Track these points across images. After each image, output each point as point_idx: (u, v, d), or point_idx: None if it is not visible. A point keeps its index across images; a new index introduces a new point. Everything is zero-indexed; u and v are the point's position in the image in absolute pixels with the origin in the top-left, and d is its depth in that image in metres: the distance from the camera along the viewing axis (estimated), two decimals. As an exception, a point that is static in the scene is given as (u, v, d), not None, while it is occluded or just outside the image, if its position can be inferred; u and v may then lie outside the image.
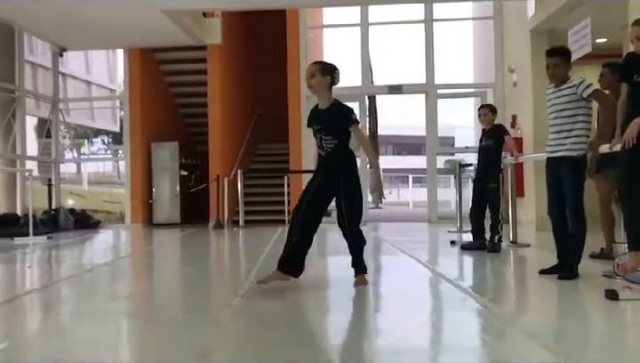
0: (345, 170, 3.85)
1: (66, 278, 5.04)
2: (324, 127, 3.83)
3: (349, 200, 3.86)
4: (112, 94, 17.25)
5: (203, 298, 3.96)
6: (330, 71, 3.83)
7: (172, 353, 2.52)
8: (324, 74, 3.80)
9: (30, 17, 8.59)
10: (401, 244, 6.79)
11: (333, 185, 3.83)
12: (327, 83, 3.81)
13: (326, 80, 3.80)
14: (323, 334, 2.96)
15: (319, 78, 3.79)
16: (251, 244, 7.79)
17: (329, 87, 3.83)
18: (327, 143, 3.83)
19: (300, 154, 10.26)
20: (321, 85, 3.80)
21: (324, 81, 3.79)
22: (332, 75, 3.82)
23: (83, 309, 3.62)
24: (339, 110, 3.84)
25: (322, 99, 3.87)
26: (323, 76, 3.79)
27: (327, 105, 3.86)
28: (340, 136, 3.83)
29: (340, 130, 3.82)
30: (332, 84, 3.84)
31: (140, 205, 10.58)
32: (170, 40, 9.86)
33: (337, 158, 3.84)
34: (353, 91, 10.81)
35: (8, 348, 2.73)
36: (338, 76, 3.87)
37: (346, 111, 3.84)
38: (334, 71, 3.84)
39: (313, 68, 3.86)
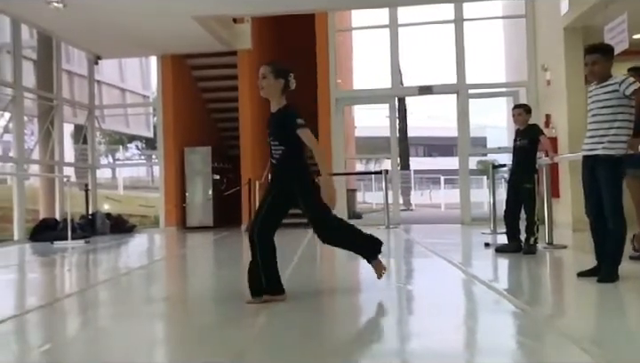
0: (297, 179, 3.58)
1: (103, 281, 5.16)
2: (271, 133, 3.60)
3: (311, 206, 3.62)
4: (145, 101, 17.59)
5: (237, 300, 3.99)
6: (283, 74, 3.59)
7: (208, 356, 2.55)
8: (277, 76, 3.57)
9: (68, 27, 8.84)
10: (433, 246, 6.72)
11: (288, 197, 3.61)
12: (279, 86, 3.57)
13: (278, 83, 3.57)
14: (357, 337, 2.95)
15: (270, 81, 3.57)
16: (282, 246, 7.79)
17: (281, 91, 3.59)
18: (275, 150, 3.59)
19: (331, 156, 10.27)
20: (272, 88, 3.57)
21: (276, 84, 3.56)
22: (286, 78, 3.59)
23: (120, 311, 3.70)
24: (285, 115, 3.57)
25: (273, 103, 3.64)
26: (275, 78, 3.56)
27: (276, 109, 3.62)
28: (287, 143, 3.54)
29: (285, 136, 3.54)
30: (285, 87, 3.60)
31: (173, 209, 10.75)
32: (201, 46, 10.01)
33: (285, 167, 3.58)
34: (383, 93, 10.79)
35: (50, 349, 2.82)
36: (292, 80, 3.61)
37: (290, 115, 3.54)
38: (288, 74, 3.61)
39: (265, 70, 3.60)
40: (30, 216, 9.65)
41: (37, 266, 6.46)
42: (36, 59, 10.46)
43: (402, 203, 14.67)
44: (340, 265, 6.06)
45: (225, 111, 12.19)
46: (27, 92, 9.39)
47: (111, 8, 7.90)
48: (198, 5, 8.10)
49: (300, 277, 4.80)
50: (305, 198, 3.60)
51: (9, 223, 9.50)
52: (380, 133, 27.28)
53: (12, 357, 2.74)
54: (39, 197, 10.41)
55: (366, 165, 31.35)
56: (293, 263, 5.57)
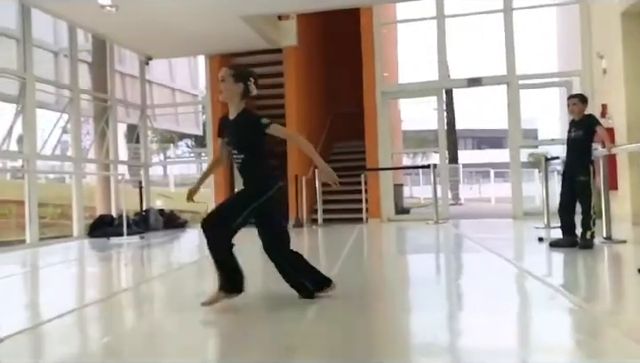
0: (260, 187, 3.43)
1: (158, 275, 5.33)
2: (231, 141, 3.45)
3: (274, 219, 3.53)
4: (195, 99, 17.97)
5: (286, 294, 4.04)
6: (243, 78, 3.41)
7: (258, 351, 2.60)
8: (237, 80, 3.39)
9: (120, 30, 9.13)
10: (484, 241, 6.59)
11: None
12: (239, 91, 3.39)
13: (238, 87, 3.38)
14: (408, 333, 2.94)
15: (229, 85, 3.39)
16: (330, 242, 7.86)
17: (241, 96, 3.41)
18: (236, 158, 3.43)
19: (377, 151, 10.22)
20: (230, 92, 3.39)
21: (234, 88, 3.38)
22: (245, 83, 3.40)
23: (173, 305, 3.81)
24: (245, 120, 3.40)
25: (231, 108, 3.46)
26: (235, 82, 3.39)
27: (235, 115, 3.44)
28: (246, 150, 3.40)
29: (245, 143, 3.40)
30: (245, 92, 3.41)
31: (222, 206, 10.94)
32: (247, 44, 10.14)
33: (247, 175, 3.44)
34: (430, 85, 10.64)
35: (109, 342, 2.93)
36: (252, 85, 3.43)
37: (254, 118, 3.39)
38: (248, 79, 3.42)
39: (224, 73, 3.46)
40: (88, 213, 10.03)
41: (95, 261, 6.72)
42: (90, 61, 10.85)
43: (450, 197, 14.44)
44: (388, 260, 6.03)
45: (271, 108, 12.28)
46: (83, 94, 9.77)
47: (161, 10, 8.10)
48: (245, 5, 8.21)
49: (348, 272, 4.81)
50: (241, 196, 3.48)
51: (68, 220, 9.93)
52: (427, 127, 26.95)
53: (74, 348, 2.87)
54: (96, 194, 10.83)
55: (413, 159, 31.03)
56: (341, 259, 5.59)
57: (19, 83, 8.17)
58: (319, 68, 12.44)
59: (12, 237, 9.45)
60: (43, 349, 2.89)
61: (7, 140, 8.00)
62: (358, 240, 7.68)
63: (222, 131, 3.54)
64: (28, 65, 8.19)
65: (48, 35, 10.14)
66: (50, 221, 12.20)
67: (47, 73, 9.41)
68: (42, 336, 3.07)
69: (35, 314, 3.83)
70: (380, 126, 10.27)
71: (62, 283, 5.20)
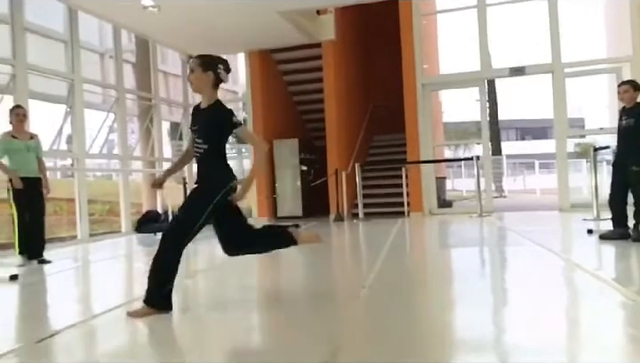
0: (209, 179, 3.34)
1: (202, 270, 5.43)
2: (199, 128, 3.37)
3: (188, 207, 3.34)
4: (235, 96, 18.21)
5: (329, 289, 4.05)
6: (212, 67, 3.32)
7: (302, 346, 2.61)
8: (206, 69, 3.31)
9: (162, 29, 9.32)
10: (529, 234, 6.44)
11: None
12: (209, 80, 3.31)
13: (207, 76, 3.31)
14: (452, 329, 2.90)
15: (198, 74, 3.32)
16: (371, 236, 7.84)
17: (212, 85, 3.34)
18: (198, 147, 3.35)
19: (418, 144, 10.10)
20: (201, 82, 3.33)
21: (204, 77, 3.31)
22: (215, 70, 3.31)
23: (217, 299, 3.87)
24: (217, 111, 3.32)
25: (203, 98, 3.39)
26: (204, 71, 3.31)
27: (207, 104, 3.37)
28: (211, 141, 3.32)
29: (212, 134, 3.32)
30: (216, 81, 3.34)
31: (264, 200, 11.07)
32: (286, 40, 10.19)
33: (205, 168, 3.35)
34: (471, 76, 10.44)
35: (156, 335, 3.01)
36: (223, 71, 3.35)
37: (226, 113, 3.30)
38: (217, 67, 3.33)
39: (192, 63, 3.39)
40: (135, 209, 10.31)
41: (143, 256, 6.90)
42: (134, 62, 11.13)
43: (494, 189, 14.15)
44: (431, 254, 5.97)
45: (310, 103, 12.34)
46: (128, 94, 10.03)
47: (201, 9, 8.22)
48: (284, 0, 8.24)
49: (390, 267, 4.79)
50: (195, 197, 3.34)
51: (116, 216, 10.23)
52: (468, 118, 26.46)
53: (124, 340, 2.96)
54: (142, 191, 11.12)
55: (455, 151, 30.54)
56: (384, 253, 5.56)
57: (67, 84, 8.46)
58: (358, 62, 12.39)
59: (64, 233, 9.80)
60: (95, 342, 3.00)
61: (57, 140, 8.30)
62: (400, 234, 7.63)
63: (193, 119, 3.46)
64: (76, 67, 8.47)
65: (94, 37, 10.46)
66: (99, 217, 12.62)
67: (94, 74, 9.71)
68: (94, 330, 3.18)
69: (87, 308, 3.97)
70: (421, 119, 10.15)
71: (112, 277, 5.37)
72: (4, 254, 6.18)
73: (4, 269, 5.37)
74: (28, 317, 3.85)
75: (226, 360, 2.44)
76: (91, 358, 2.66)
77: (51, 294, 4.66)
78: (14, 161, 5.79)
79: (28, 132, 6.11)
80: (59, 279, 5.27)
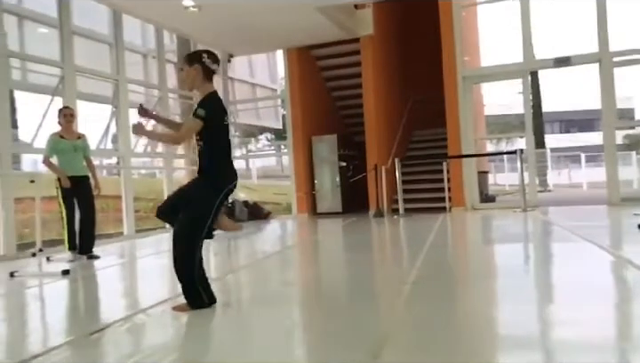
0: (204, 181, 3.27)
1: (245, 265, 5.51)
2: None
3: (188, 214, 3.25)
4: (274, 94, 18.35)
5: (371, 285, 4.05)
6: (196, 58, 3.30)
7: (347, 341, 2.62)
8: (191, 63, 3.29)
9: (203, 29, 9.48)
10: (576, 229, 6.26)
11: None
12: (197, 72, 3.27)
13: (195, 70, 3.27)
14: (499, 325, 2.85)
15: (186, 70, 3.31)
16: (412, 232, 7.77)
17: (203, 77, 3.29)
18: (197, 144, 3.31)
19: (459, 138, 9.94)
20: (191, 77, 3.29)
21: (192, 71, 3.28)
22: (201, 61, 3.27)
23: (260, 294, 3.92)
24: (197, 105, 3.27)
25: (199, 94, 3.36)
26: (190, 65, 3.29)
27: (199, 99, 3.33)
28: (204, 137, 3.25)
29: (202, 129, 3.22)
30: (205, 72, 3.28)
31: (304, 197, 11.13)
32: (324, 36, 10.19)
33: (200, 166, 3.30)
34: (514, 67, 10.20)
35: (200, 330, 3.08)
36: (208, 60, 3.29)
37: (198, 104, 3.25)
38: (201, 57, 3.29)
39: (181, 64, 3.42)
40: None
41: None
42: (176, 61, 11.35)
43: (538, 184, 13.79)
44: (474, 250, 5.88)
45: (349, 98, 12.31)
46: (170, 93, 10.24)
47: (241, 8, 8.31)
48: (321, -4, 8.26)
49: (433, 263, 4.74)
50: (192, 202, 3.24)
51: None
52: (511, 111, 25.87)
53: (170, 335, 3.04)
54: (185, 188, 11.33)
55: (497, 145, 29.94)
56: (425, 249, 5.51)
57: (112, 85, 8.70)
58: (397, 56, 12.28)
59: (111, 229, 10.11)
60: (143, 335, 3.08)
61: (104, 139, 8.56)
62: (442, 230, 7.54)
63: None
64: (121, 67, 8.70)
65: (137, 38, 10.71)
66: (143, 214, 12.94)
67: (137, 74, 9.95)
68: (142, 324, 3.27)
69: (134, 302, 4.09)
70: (462, 112, 9.98)
71: (157, 273, 5.51)
72: (56, 250, 6.41)
73: (56, 264, 5.59)
74: (80, 310, 4.00)
75: (269, 355, 2.47)
76: (139, 351, 2.74)
77: (100, 289, 4.83)
78: (62, 161, 6.01)
79: (76, 132, 6.32)
80: (107, 274, 5.44)
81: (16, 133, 11.47)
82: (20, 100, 13.07)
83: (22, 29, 11.21)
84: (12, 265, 5.68)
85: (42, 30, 10.73)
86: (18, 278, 4.99)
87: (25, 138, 11.47)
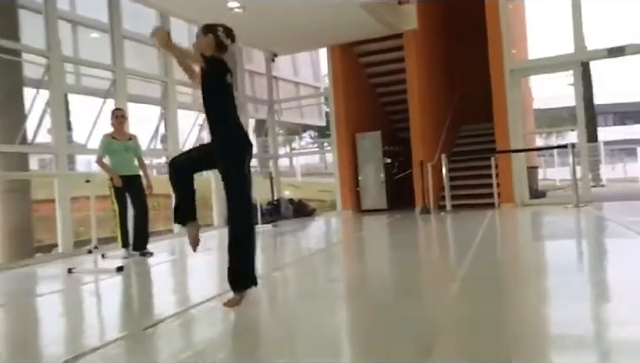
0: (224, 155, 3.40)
1: (292, 262, 5.55)
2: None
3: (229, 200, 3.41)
4: (317, 92, 18.44)
5: (419, 283, 4.01)
6: (212, 30, 3.42)
7: (396, 338, 2.61)
8: (206, 33, 3.42)
9: (247, 29, 9.59)
10: (633, 224, 6.01)
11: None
12: (210, 42, 3.39)
13: (208, 39, 3.39)
14: (551, 324, 2.77)
15: (200, 39, 3.43)
16: (460, 229, 7.65)
17: (214, 47, 3.39)
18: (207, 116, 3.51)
19: (507, 133, 9.71)
20: (204, 45, 3.39)
21: (205, 40, 3.40)
22: (215, 33, 3.40)
23: (306, 291, 3.94)
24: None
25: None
26: (205, 35, 3.42)
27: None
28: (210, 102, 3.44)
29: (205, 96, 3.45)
30: (217, 43, 3.39)
31: (348, 193, 11.12)
32: (367, 33, 10.15)
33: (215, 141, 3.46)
34: (564, 59, 9.88)
35: (248, 325, 3.13)
36: (222, 34, 3.41)
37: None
38: (217, 30, 3.42)
39: (196, 34, 3.52)
40: (225, 204, 10.73)
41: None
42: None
43: (590, 178, 13.32)
44: (525, 247, 5.74)
45: (393, 94, 12.22)
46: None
47: (284, 7, 8.37)
48: (364, -8, 8.23)
49: (482, 260, 4.66)
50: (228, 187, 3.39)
51: (208, 211, 10.69)
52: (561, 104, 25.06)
53: (220, 331, 3.10)
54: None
55: (546, 139, 29.07)
56: (474, 246, 5.41)
57: (161, 86, 8.93)
58: (442, 50, 12.10)
59: (161, 227, 10.39)
60: (195, 330, 3.15)
61: (154, 139, 8.80)
62: (491, 226, 7.39)
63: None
64: (169, 70, 8.92)
65: (184, 40, 10.95)
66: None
67: (184, 76, 10.16)
68: (193, 319, 3.35)
69: (186, 298, 4.20)
70: (510, 106, 9.74)
71: (206, 269, 5.62)
72: (110, 247, 6.64)
73: (111, 261, 5.79)
74: (134, 306, 4.13)
75: (317, 352, 2.48)
76: (192, 345, 2.80)
77: (153, 285, 4.97)
78: (114, 161, 6.21)
79: (128, 133, 6.52)
80: (159, 271, 5.60)
81: (70, 134, 11.95)
82: (74, 103, 13.58)
83: (76, 35, 11.66)
84: (69, 262, 5.92)
85: (94, 35, 11.13)
86: (75, 275, 5.20)
87: (79, 139, 11.93)
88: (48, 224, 9.73)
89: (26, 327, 3.50)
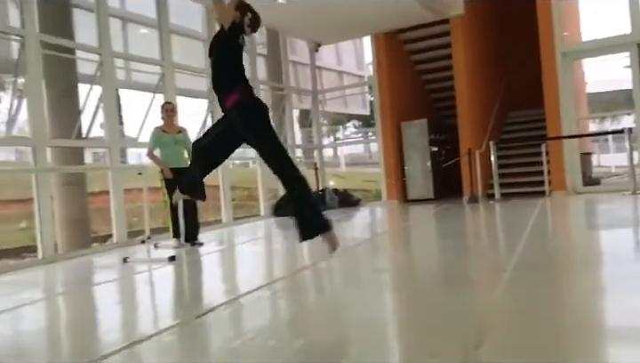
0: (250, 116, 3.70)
1: (338, 252, 5.56)
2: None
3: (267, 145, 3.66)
4: (361, 80, 18.32)
5: (468, 273, 3.95)
6: (243, 10, 3.63)
7: (446, 328, 2.58)
8: (237, 8, 3.61)
9: (291, 20, 9.63)
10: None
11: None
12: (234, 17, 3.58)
13: (235, 13, 3.59)
14: (607, 317, 2.68)
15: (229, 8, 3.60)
16: (510, 217, 7.48)
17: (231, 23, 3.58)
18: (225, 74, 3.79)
19: (559, 118, 9.40)
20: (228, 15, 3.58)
21: (232, 12, 3.59)
22: (243, 13, 3.62)
23: (353, 281, 3.95)
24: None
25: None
26: (235, 9, 3.60)
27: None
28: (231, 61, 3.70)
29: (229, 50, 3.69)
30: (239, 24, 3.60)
31: (394, 183, 11.04)
32: (412, 19, 10.00)
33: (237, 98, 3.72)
34: (620, 40, 9.45)
35: (297, 313, 3.16)
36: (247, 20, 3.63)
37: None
38: (246, 13, 3.63)
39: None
40: (271, 194, 10.83)
41: (281, 238, 7.27)
42: (266, 54, 11.63)
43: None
44: (578, 237, 5.56)
45: (439, 81, 12.01)
46: (261, 85, 10.52)
47: (327, -4, 8.35)
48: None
49: (533, 251, 4.54)
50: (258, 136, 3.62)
51: (255, 201, 10.85)
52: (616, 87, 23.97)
53: (267, 320, 3.15)
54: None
55: (600, 124, 27.94)
56: (525, 236, 5.29)
57: (208, 79, 9.07)
58: (489, 35, 11.78)
59: (210, 217, 10.61)
60: (245, 318, 3.22)
61: (202, 131, 8.97)
62: (542, 215, 7.19)
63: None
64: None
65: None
66: (239, 202, 13.47)
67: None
68: (243, 307, 3.41)
69: (235, 287, 4.28)
70: (562, 91, 9.41)
71: (255, 258, 5.72)
72: (162, 237, 6.84)
73: (163, 250, 5.97)
74: (185, 294, 4.25)
75: (366, 342, 2.49)
76: (243, 333, 2.86)
77: (204, 274, 5.09)
78: (164, 153, 6.37)
79: (177, 126, 6.67)
80: (210, 260, 5.73)
81: (122, 128, 12.34)
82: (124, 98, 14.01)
83: (125, 31, 12.00)
84: (124, 252, 6.14)
85: (142, 31, 11.42)
86: (129, 264, 5.39)
87: (129, 133, 12.30)
88: (103, 216, 10.11)
89: (85, 315, 3.66)
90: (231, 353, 2.44)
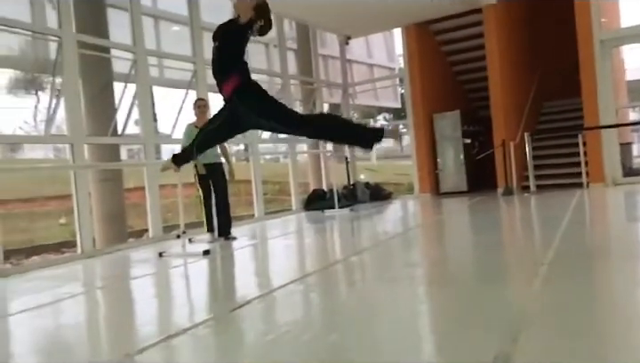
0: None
1: (369, 246, 5.55)
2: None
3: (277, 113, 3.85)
4: (392, 73, 18.17)
5: (503, 266, 3.89)
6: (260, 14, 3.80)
7: (481, 323, 2.54)
8: (254, 8, 3.78)
9: (320, 14, 9.61)
10: None
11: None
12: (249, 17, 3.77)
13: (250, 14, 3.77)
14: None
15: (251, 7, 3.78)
16: (546, 210, 7.32)
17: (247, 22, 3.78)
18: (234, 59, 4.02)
19: (597, 108, 9.13)
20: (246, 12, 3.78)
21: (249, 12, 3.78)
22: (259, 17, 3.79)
23: (384, 275, 3.93)
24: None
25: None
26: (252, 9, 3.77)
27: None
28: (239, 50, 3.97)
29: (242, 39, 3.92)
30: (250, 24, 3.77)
31: (426, 176, 10.93)
32: (444, 9, 9.85)
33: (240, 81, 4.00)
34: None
35: (328, 307, 3.16)
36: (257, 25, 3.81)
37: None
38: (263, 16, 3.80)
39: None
40: (302, 189, 10.88)
41: (312, 232, 7.28)
42: (296, 48, 11.63)
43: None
44: (617, 229, 5.41)
45: (471, 72, 11.81)
46: (291, 80, 10.54)
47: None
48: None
49: (571, 243, 4.44)
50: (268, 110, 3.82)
51: (286, 195, 10.90)
52: (658, 74, 23.12)
53: (300, 314, 3.16)
54: (308, 171, 11.68)
55: (641, 112, 27.05)
56: (562, 228, 5.17)
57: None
58: (523, 24, 11.51)
59: (243, 212, 10.72)
60: (278, 312, 3.24)
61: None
62: (580, 207, 7.02)
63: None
64: (246, 58, 9.09)
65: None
66: (270, 196, 13.55)
67: (261, 64, 10.35)
68: (276, 301, 3.43)
69: (268, 281, 4.31)
70: (600, 79, 9.14)
71: (287, 252, 5.75)
72: (196, 231, 6.94)
73: (198, 245, 6.06)
74: (220, 288, 4.30)
75: (396, 336, 2.47)
76: (277, 327, 2.88)
77: (237, 268, 5.15)
78: (197, 149, 6.44)
79: (210, 122, 6.73)
80: (243, 254, 5.79)
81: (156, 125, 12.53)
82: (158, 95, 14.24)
83: (158, 29, 12.17)
84: (159, 246, 6.25)
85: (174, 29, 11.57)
86: (165, 258, 5.49)
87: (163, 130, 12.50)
88: (139, 211, 10.32)
89: (123, 308, 3.74)
90: (265, 347, 2.46)
